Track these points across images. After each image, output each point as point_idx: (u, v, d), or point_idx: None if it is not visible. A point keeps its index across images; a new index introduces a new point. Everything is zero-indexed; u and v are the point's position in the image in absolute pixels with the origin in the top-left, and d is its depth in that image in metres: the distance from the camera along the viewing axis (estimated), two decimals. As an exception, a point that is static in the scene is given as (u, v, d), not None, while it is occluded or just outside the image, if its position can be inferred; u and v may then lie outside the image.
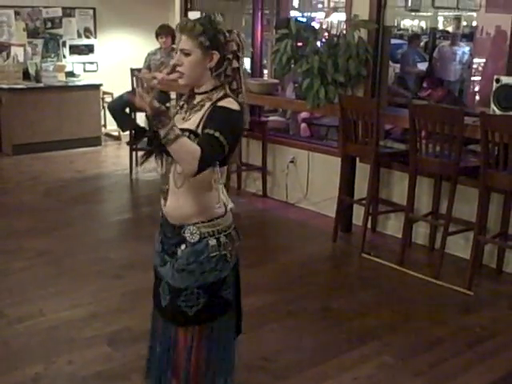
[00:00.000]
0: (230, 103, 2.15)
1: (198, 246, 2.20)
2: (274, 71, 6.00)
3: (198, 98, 2.23)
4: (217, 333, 2.30)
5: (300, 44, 5.24)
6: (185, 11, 7.06)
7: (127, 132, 7.16)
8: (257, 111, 6.49)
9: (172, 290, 2.24)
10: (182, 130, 2.05)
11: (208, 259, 2.20)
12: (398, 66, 8.39)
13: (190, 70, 2.17)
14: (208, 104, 2.17)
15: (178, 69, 2.18)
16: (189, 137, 2.07)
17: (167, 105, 2.47)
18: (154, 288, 2.38)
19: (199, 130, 2.11)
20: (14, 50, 8.26)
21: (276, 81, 6.32)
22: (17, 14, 8.29)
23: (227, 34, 2.21)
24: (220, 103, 2.15)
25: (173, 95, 6.32)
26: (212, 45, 2.15)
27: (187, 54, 2.15)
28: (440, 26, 9.91)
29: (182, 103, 2.30)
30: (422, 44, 9.05)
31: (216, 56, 2.17)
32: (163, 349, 2.34)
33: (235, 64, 2.22)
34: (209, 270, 2.21)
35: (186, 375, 2.30)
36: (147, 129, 2.23)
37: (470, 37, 9.11)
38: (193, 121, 2.17)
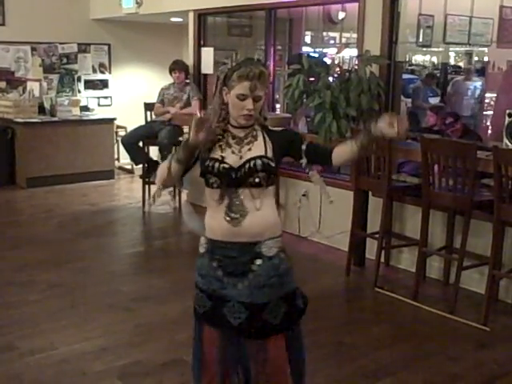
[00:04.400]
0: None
1: (275, 259, 2.37)
2: (287, 106, 6.05)
3: (244, 132, 2.37)
4: (296, 338, 2.49)
5: (312, 79, 5.30)
6: (198, 47, 7.16)
7: (140, 165, 7.21)
8: (269, 145, 6.51)
9: (250, 306, 2.35)
10: (255, 157, 2.31)
11: (285, 271, 2.41)
12: (410, 100, 8.44)
13: (257, 112, 2.36)
14: (259, 133, 2.39)
15: (250, 113, 2.31)
16: (267, 162, 2.33)
17: (180, 138, 2.53)
18: (212, 314, 2.41)
19: (269, 155, 2.34)
20: (30, 84, 8.41)
21: (288, 115, 6.37)
22: (33, 49, 8.47)
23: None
24: (275, 128, 2.45)
25: (185, 129, 6.37)
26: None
27: (259, 100, 2.33)
28: (451, 61, 9.99)
29: (218, 137, 2.36)
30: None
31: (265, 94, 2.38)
32: (250, 365, 2.43)
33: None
34: (287, 282, 2.41)
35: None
36: (160, 162, 2.33)
37: (481, 72, 9.17)
38: (256, 150, 2.35)
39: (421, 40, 5.40)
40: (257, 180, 2.31)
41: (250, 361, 2.43)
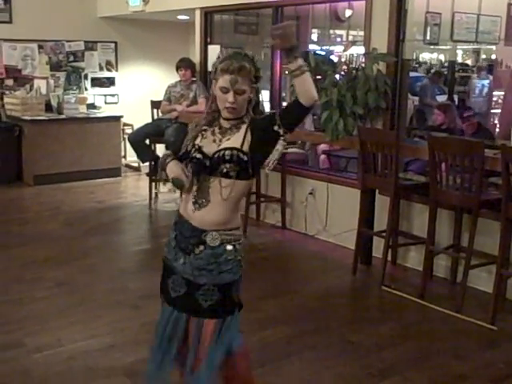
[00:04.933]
0: None
1: (218, 249, 2.50)
2: (293, 104, 6.02)
3: (229, 123, 2.47)
4: (223, 330, 2.54)
5: (319, 77, 5.27)
6: (204, 45, 7.16)
7: (147, 163, 7.22)
8: (276, 143, 6.50)
9: (189, 284, 2.53)
10: (226, 148, 2.41)
11: (226, 261, 2.50)
12: (417, 98, 8.42)
13: (242, 106, 2.43)
14: (244, 126, 2.45)
15: (232, 106, 2.40)
16: (236, 153, 2.40)
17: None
18: (162, 281, 2.66)
19: (244, 148, 2.41)
20: (37, 82, 8.43)
21: (295, 113, 6.34)
22: (40, 47, 8.48)
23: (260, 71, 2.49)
24: (258, 117, 2.49)
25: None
26: (255, 81, 2.45)
27: (243, 93, 2.39)
28: (459, 59, 9.95)
29: (203, 128, 2.52)
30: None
31: (254, 89, 2.46)
32: (174, 334, 2.60)
33: (259, 98, 2.52)
34: (225, 271, 2.51)
35: (192, 355, 2.56)
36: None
37: (489, 69, 9.14)
38: (233, 141, 2.44)
39: (428, 38, 5.39)
40: (224, 170, 2.41)
41: (188, 338, 2.58)
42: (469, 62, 10.35)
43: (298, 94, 2.34)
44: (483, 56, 9.28)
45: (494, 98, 8.59)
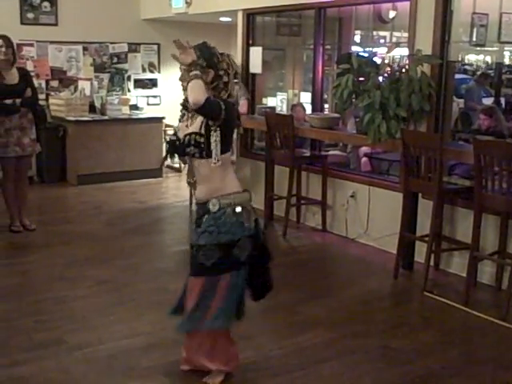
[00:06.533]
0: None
1: (218, 213, 2.91)
2: (335, 106, 5.99)
3: None
4: (228, 284, 2.98)
5: (361, 79, 5.23)
6: (247, 47, 7.16)
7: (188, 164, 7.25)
8: (317, 145, 6.48)
9: (194, 247, 2.99)
10: (189, 134, 2.90)
11: (224, 223, 2.90)
12: (462, 101, 8.27)
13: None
14: None
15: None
16: (194, 137, 2.88)
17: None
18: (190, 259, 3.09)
19: (202, 131, 2.87)
20: (81, 83, 8.57)
21: (337, 115, 6.31)
22: (85, 49, 8.62)
23: (219, 56, 2.97)
24: None
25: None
26: (208, 64, 2.90)
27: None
28: (506, 61, 9.73)
29: (182, 113, 3.08)
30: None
31: (211, 73, 2.90)
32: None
33: (225, 79, 2.95)
34: (224, 232, 2.90)
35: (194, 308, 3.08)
36: None
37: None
38: (196, 124, 2.92)
39: (474, 39, 5.28)
40: (191, 152, 2.92)
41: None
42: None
43: None
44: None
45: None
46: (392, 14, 7.19)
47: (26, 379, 3.29)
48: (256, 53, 6.99)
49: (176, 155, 3.06)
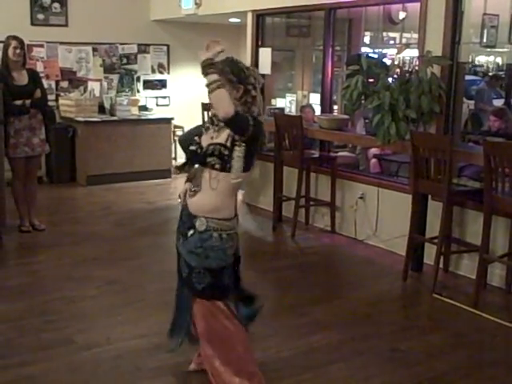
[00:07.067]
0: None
1: (204, 235, 2.83)
2: (345, 107, 5.97)
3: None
4: (216, 311, 2.94)
5: (371, 80, 5.22)
6: (256, 47, 7.16)
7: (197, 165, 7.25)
8: (326, 146, 6.47)
9: (188, 266, 2.91)
10: (214, 144, 2.79)
11: (211, 247, 2.83)
12: (472, 102, 8.23)
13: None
14: None
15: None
16: (219, 148, 2.77)
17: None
18: (177, 260, 3.05)
19: (228, 144, 2.76)
20: (90, 84, 8.60)
21: (346, 116, 6.30)
22: (95, 50, 8.64)
23: (245, 71, 2.86)
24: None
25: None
26: (237, 80, 2.80)
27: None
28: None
29: (207, 125, 2.95)
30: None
31: (241, 88, 2.81)
32: (187, 308, 3.07)
33: (253, 93, 2.85)
34: (212, 257, 2.84)
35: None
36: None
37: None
38: (222, 137, 2.80)
39: (485, 40, 5.26)
40: (212, 162, 2.79)
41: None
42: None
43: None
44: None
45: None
46: (402, 15, 7.19)
47: (35, 379, 3.30)
48: (265, 54, 6.98)
49: (196, 165, 2.94)
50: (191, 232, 2.85)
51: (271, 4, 6.76)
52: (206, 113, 7.37)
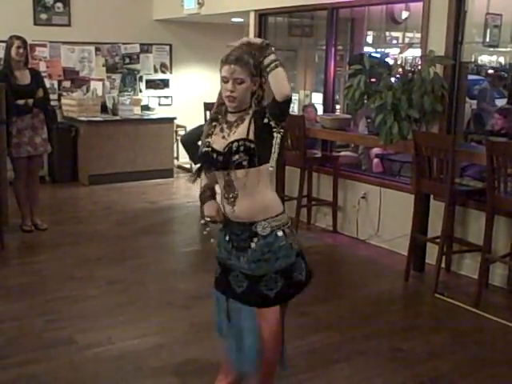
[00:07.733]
0: None
1: (269, 238, 2.59)
2: (347, 106, 5.98)
3: (234, 116, 2.60)
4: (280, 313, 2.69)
5: (373, 80, 5.21)
6: (259, 47, 7.14)
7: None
8: (328, 146, 6.46)
9: (250, 277, 2.63)
10: (233, 141, 2.52)
11: (279, 248, 2.61)
12: (475, 102, 8.20)
13: (242, 95, 2.54)
14: (248, 117, 2.56)
15: (231, 94, 2.53)
16: (243, 143, 2.51)
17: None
18: (220, 279, 2.76)
19: (250, 137, 2.52)
20: (93, 84, 8.60)
21: (348, 116, 6.29)
22: (97, 50, 8.65)
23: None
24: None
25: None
26: (256, 73, 2.55)
27: (241, 83, 2.52)
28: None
29: (214, 124, 2.67)
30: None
31: (257, 81, 2.57)
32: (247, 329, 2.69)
33: (265, 87, 2.64)
34: (281, 257, 2.62)
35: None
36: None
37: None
38: (239, 133, 2.55)
39: (488, 40, 5.25)
40: (238, 161, 2.52)
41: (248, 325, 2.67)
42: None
43: (275, 92, 2.44)
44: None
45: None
46: (405, 14, 7.16)
47: (37, 378, 3.30)
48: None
49: (212, 168, 2.66)
50: (255, 240, 2.61)
51: (274, 4, 6.76)
52: (208, 112, 7.37)
